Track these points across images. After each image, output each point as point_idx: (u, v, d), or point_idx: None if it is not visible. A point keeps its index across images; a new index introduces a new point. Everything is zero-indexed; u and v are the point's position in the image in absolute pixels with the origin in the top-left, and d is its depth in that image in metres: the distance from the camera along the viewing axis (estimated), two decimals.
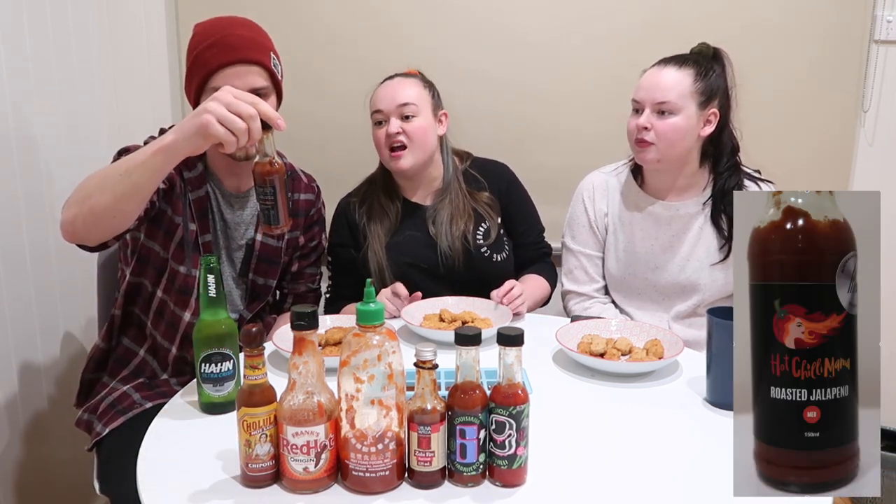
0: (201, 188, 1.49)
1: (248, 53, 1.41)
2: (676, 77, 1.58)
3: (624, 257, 1.74)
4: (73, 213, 1.24)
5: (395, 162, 1.70)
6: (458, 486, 0.95)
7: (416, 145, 1.70)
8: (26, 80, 1.68)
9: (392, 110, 1.68)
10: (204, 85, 1.41)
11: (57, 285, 1.81)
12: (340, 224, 1.80)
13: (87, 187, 1.24)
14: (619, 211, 1.75)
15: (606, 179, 1.78)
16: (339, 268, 1.80)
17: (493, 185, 1.82)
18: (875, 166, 2.28)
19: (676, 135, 1.59)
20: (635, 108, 1.64)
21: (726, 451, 1.07)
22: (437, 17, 2.15)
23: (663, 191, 1.71)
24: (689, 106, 1.58)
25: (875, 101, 2.23)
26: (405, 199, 1.80)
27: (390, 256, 1.72)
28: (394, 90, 1.70)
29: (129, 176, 1.19)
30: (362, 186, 1.83)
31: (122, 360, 1.53)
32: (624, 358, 1.35)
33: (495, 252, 1.77)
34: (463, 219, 1.75)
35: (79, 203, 1.23)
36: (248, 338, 0.94)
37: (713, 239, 1.67)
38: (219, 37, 1.40)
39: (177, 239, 1.46)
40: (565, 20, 2.15)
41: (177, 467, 1.00)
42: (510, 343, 0.92)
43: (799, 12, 2.14)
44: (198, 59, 1.41)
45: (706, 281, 1.67)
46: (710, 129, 1.63)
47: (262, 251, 1.58)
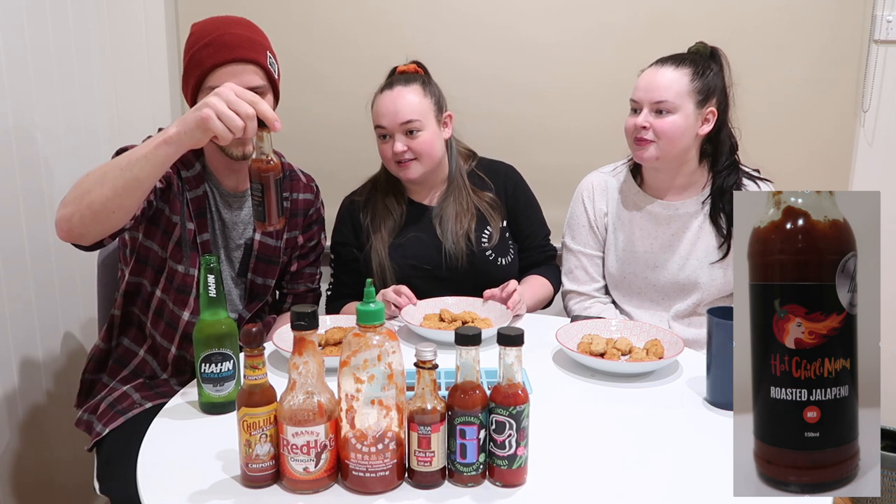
0: (199, 187, 1.50)
1: (244, 52, 1.40)
2: (673, 76, 1.59)
3: (624, 256, 1.74)
4: (69, 210, 1.24)
5: (404, 173, 1.70)
6: (458, 486, 0.95)
7: (423, 158, 1.70)
8: (26, 80, 1.68)
9: (395, 128, 1.67)
10: (200, 84, 1.41)
11: (57, 285, 1.81)
12: (344, 223, 1.80)
13: (85, 184, 1.24)
14: (618, 210, 1.75)
15: (606, 179, 1.79)
16: (342, 266, 1.80)
17: (500, 187, 1.82)
18: (875, 166, 2.28)
19: (675, 133, 1.59)
20: (633, 107, 1.65)
21: (726, 451, 1.07)
22: (437, 17, 2.15)
23: (662, 190, 1.72)
24: (686, 105, 1.59)
25: (875, 101, 2.23)
26: (410, 200, 1.79)
27: (393, 257, 1.72)
28: (395, 104, 1.67)
29: (129, 169, 1.20)
30: (366, 186, 1.83)
31: (122, 360, 1.54)
32: (624, 358, 1.35)
33: (500, 256, 1.77)
34: (467, 218, 1.74)
35: (76, 200, 1.23)
36: (248, 338, 0.94)
37: (712, 238, 1.67)
38: (215, 36, 1.40)
39: (175, 238, 1.46)
40: (564, 20, 2.15)
41: (177, 467, 1.00)
42: (510, 343, 0.92)
43: (799, 12, 2.14)
44: (194, 58, 1.41)
45: (705, 280, 1.67)
46: (709, 128, 1.63)
47: (260, 251, 1.58)
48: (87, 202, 1.22)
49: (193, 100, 1.44)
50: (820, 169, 2.24)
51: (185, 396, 1.22)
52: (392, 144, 1.67)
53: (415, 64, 1.77)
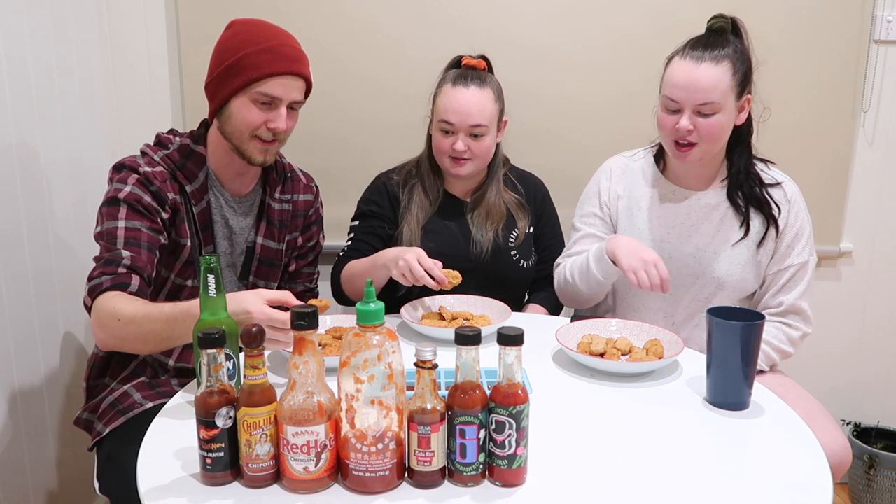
0: (203, 198, 1.50)
1: (300, 67, 1.44)
2: (716, 74, 1.49)
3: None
4: (109, 344, 1.30)
5: (456, 169, 1.72)
6: (458, 486, 0.95)
7: (478, 159, 1.73)
8: (26, 81, 1.68)
9: (464, 128, 1.68)
10: (247, 87, 1.41)
11: (57, 285, 1.81)
12: (380, 195, 1.81)
13: (124, 332, 1.25)
14: (636, 196, 1.69)
15: (627, 163, 1.74)
16: (365, 233, 1.79)
17: (530, 195, 1.86)
18: (875, 166, 2.28)
19: (721, 133, 1.53)
20: (672, 107, 1.53)
21: (726, 450, 1.07)
22: (437, 21, 2.15)
23: (686, 178, 1.66)
24: (729, 101, 1.51)
25: (875, 101, 2.23)
26: (445, 191, 1.82)
27: (423, 241, 1.74)
28: (468, 106, 1.67)
29: (170, 336, 1.22)
30: (406, 167, 1.84)
31: (124, 360, 1.53)
32: (624, 358, 1.35)
33: (524, 258, 1.81)
34: (497, 215, 1.78)
35: (116, 340, 1.28)
36: (248, 338, 0.94)
37: (731, 230, 1.62)
38: (274, 44, 1.41)
39: (183, 258, 1.47)
40: (564, 22, 2.15)
41: (177, 467, 1.00)
42: (510, 343, 0.92)
43: (799, 12, 2.14)
44: (247, 61, 1.40)
45: (721, 275, 1.61)
46: (745, 117, 1.58)
47: (262, 254, 1.58)
48: (129, 347, 1.30)
49: (228, 97, 1.43)
50: (820, 169, 2.24)
51: (185, 396, 1.22)
52: (454, 141, 1.69)
53: (482, 58, 1.77)
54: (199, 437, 0.94)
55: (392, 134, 2.15)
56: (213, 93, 1.46)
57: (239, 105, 1.43)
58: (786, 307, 1.61)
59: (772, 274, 1.63)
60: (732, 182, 1.62)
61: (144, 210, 1.40)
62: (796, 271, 1.61)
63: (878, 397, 2.46)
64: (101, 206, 1.41)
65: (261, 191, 1.60)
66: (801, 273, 1.61)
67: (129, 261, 1.34)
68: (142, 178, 1.41)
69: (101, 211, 1.41)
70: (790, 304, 1.60)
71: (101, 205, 1.42)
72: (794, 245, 1.61)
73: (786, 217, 1.61)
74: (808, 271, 1.61)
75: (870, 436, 2.38)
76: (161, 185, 1.42)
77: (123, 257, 1.34)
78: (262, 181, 1.60)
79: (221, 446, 0.94)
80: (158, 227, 1.42)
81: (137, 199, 1.39)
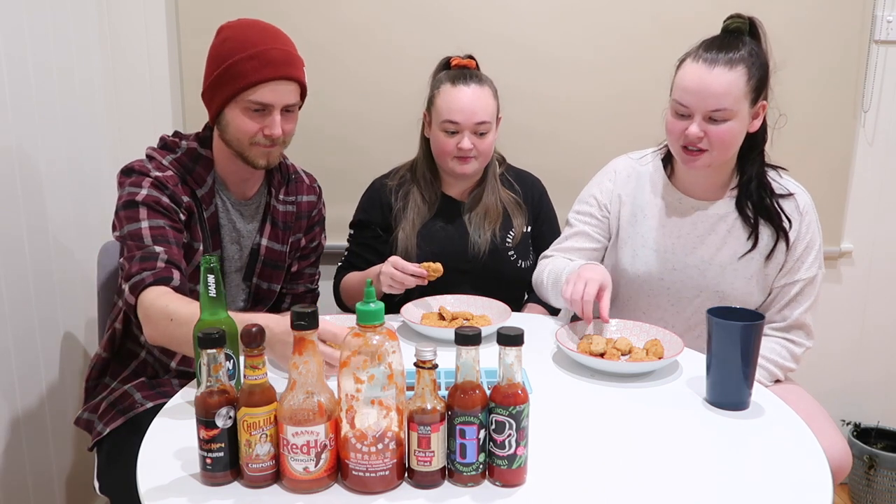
0: (211, 203, 1.50)
1: (289, 70, 1.41)
2: (729, 80, 1.41)
3: (642, 253, 1.61)
4: (158, 340, 1.30)
5: (462, 168, 1.73)
6: (458, 486, 0.95)
7: (483, 157, 1.74)
8: (26, 82, 1.69)
9: (470, 126, 1.69)
10: (237, 96, 1.40)
11: (57, 285, 1.81)
12: (373, 203, 1.82)
13: (176, 333, 1.24)
14: (641, 202, 1.63)
15: (633, 166, 1.67)
16: (360, 244, 1.82)
17: (527, 194, 1.86)
18: (875, 166, 2.28)
19: (732, 140, 1.46)
20: (681, 112, 1.47)
21: (726, 451, 1.07)
22: (436, 22, 2.15)
23: (694, 186, 1.59)
24: (742, 108, 1.44)
25: (875, 101, 2.23)
26: (442, 193, 1.82)
27: (419, 243, 1.74)
28: (472, 104, 1.69)
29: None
30: (400, 171, 1.84)
31: (124, 360, 1.53)
32: (624, 358, 1.35)
33: (521, 258, 1.82)
34: (495, 215, 1.79)
35: (166, 338, 1.28)
36: (248, 338, 0.94)
37: (738, 243, 1.56)
38: (259, 50, 1.38)
39: (195, 263, 1.46)
40: (563, 22, 2.15)
41: (177, 467, 1.00)
42: (510, 343, 0.92)
43: (799, 12, 2.14)
44: (235, 69, 1.38)
45: (726, 288, 1.56)
46: (759, 124, 1.50)
47: (267, 255, 1.58)
48: (174, 346, 1.31)
49: (222, 106, 1.42)
50: (820, 169, 2.24)
51: (185, 396, 1.22)
52: (459, 140, 1.70)
53: (470, 57, 1.79)
54: (199, 437, 0.94)
55: (392, 134, 2.15)
56: (209, 101, 1.46)
57: (233, 114, 1.41)
58: (790, 322, 1.55)
59: (779, 287, 1.56)
60: (742, 191, 1.56)
61: (164, 210, 1.39)
62: (804, 286, 1.54)
63: (878, 397, 2.46)
64: (118, 211, 1.40)
65: (265, 193, 1.59)
66: (809, 288, 1.54)
67: (165, 255, 1.33)
68: (156, 182, 1.40)
69: (118, 215, 1.39)
70: (795, 320, 1.55)
71: (118, 209, 1.40)
72: (804, 259, 1.54)
73: (797, 230, 1.54)
74: (815, 286, 1.55)
75: (870, 436, 2.38)
76: (174, 188, 1.42)
77: (158, 252, 1.33)
78: (266, 183, 1.60)
79: (221, 446, 0.94)
80: (179, 225, 1.41)
81: (156, 200, 1.38)
